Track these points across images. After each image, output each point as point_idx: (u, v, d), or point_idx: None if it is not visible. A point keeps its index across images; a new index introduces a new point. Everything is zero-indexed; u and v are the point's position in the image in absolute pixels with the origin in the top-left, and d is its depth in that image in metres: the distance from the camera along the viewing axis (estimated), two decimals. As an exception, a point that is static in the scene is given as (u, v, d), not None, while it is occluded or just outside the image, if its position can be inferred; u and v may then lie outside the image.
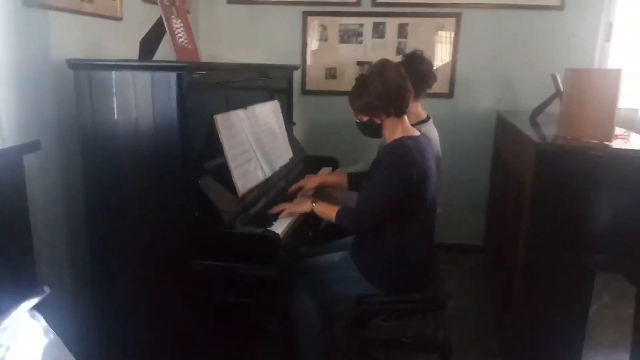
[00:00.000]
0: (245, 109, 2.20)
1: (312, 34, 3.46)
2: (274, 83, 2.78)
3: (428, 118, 2.27)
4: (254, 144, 2.17)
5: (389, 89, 1.82)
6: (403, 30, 3.39)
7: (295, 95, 3.17)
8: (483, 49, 3.39)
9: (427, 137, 2.01)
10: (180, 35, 1.89)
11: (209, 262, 1.75)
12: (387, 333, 2.24)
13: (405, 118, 1.92)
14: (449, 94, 3.43)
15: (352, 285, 1.94)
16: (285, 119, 2.74)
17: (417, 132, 1.95)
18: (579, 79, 2.08)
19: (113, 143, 1.72)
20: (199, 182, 1.75)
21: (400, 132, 1.89)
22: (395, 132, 1.89)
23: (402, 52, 3.36)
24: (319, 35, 3.46)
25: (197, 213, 1.72)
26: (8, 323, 0.94)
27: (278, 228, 1.90)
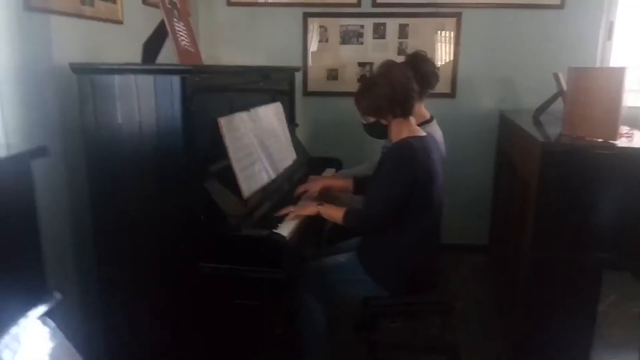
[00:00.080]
0: (249, 112, 2.19)
1: (312, 36, 3.45)
2: (276, 85, 2.77)
3: (432, 118, 2.27)
4: (258, 147, 2.16)
5: (395, 90, 1.82)
6: (404, 31, 3.38)
7: (297, 97, 3.16)
8: (484, 49, 3.38)
9: (433, 137, 2.00)
10: (183, 38, 1.88)
11: (216, 265, 1.74)
12: (393, 335, 2.22)
13: (412, 119, 1.91)
14: (451, 94, 3.42)
15: (358, 287, 1.93)
16: (288, 121, 2.73)
17: (423, 132, 1.94)
18: (584, 78, 2.07)
19: (117, 147, 1.71)
20: (205, 185, 1.74)
21: (407, 132, 1.89)
22: (402, 133, 1.89)
23: (403, 52, 3.36)
24: (320, 37, 3.45)
25: (203, 216, 1.71)
26: (19, 330, 0.93)
27: (284, 230, 1.89)
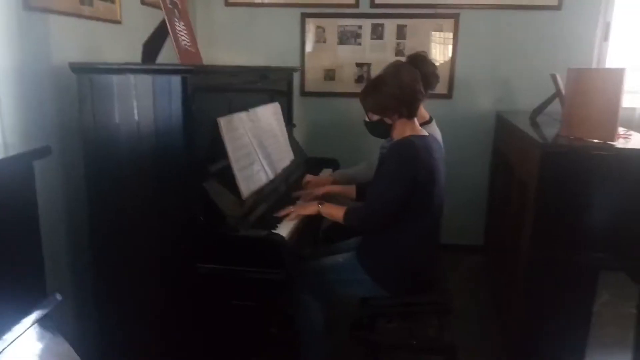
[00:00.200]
0: (248, 112, 2.19)
1: (310, 36, 3.45)
2: (274, 85, 2.77)
3: (431, 119, 2.27)
4: (257, 147, 2.16)
5: (403, 91, 1.84)
6: (402, 32, 3.39)
7: (295, 97, 3.16)
8: (481, 50, 3.39)
9: (434, 137, 2.00)
10: (184, 38, 1.88)
11: (214, 265, 1.73)
12: (391, 335, 2.23)
13: (416, 120, 1.92)
14: (448, 95, 3.43)
15: (357, 287, 1.93)
16: (286, 121, 2.73)
17: (425, 132, 1.95)
18: (582, 79, 2.08)
19: (116, 147, 1.70)
20: (204, 185, 1.74)
21: (410, 132, 1.90)
22: (405, 132, 1.89)
23: (401, 53, 3.37)
24: (318, 37, 3.45)
25: (202, 217, 1.71)
26: (19, 331, 0.93)
27: (283, 231, 1.89)
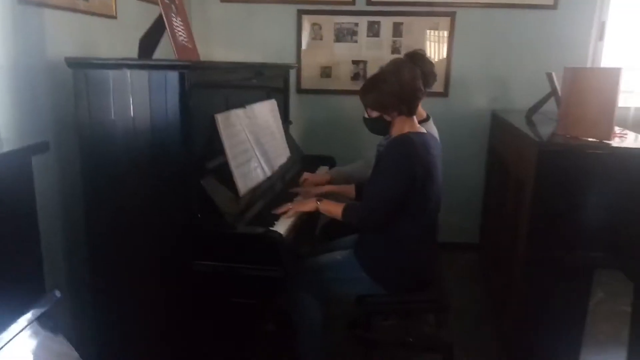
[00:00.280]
0: (245, 108, 2.18)
1: (306, 33, 3.44)
2: (271, 82, 2.76)
3: (428, 117, 2.27)
4: (254, 144, 2.14)
5: (404, 88, 1.84)
6: (398, 29, 3.38)
7: (291, 94, 3.15)
8: (477, 48, 3.39)
9: (432, 135, 2.00)
10: (181, 34, 1.86)
11: (211, 263, 1.72)
12: (388, 333, 2.23)
13: (415, 118, 1.92)
14: (444, 93, 3.43)
15: (356, 285, 1.93)
16: (282, 118, 2.72)
17: (424, 130, 1.95)
18: (579, 78, 2.08)
19: (112, 143, 1.68)
20: (201, 182, 1.73)
21: (408, 129, 1.89)
22: (404, 130, 1.89)
23: (397, 51, 3.37)
24: (314, 34, 3.43)
25: (199, 214, 1.70)
26: (17, 329, 0.91)
27: (281, 228, 1.88)
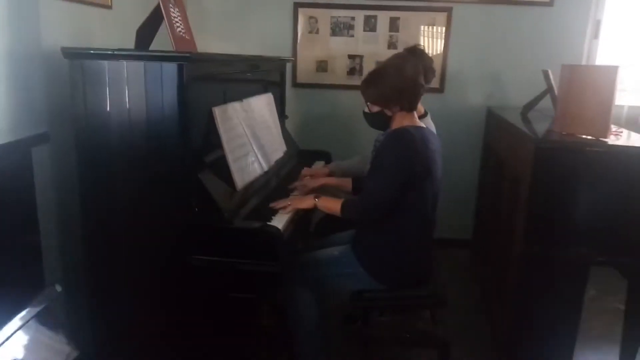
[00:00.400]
0: (241, 102, 2.16)
1: (302, 26, 3.41)
2: (268, 76, 2.74)
3: (426, 113, 2.27)
4: (251, 138, 2.13)
5: (406, 83, 1.84)
6: (394, 24, 3.37)
7: (287, 88, 3.13)
8: (473, 44, 3.40)
9: (431, 130, 2.00)
10: (178, 25, 1.83)
11: (208, 258, 1.71)
12: (384, 329, 2.23)
13: (415, 113, 1.92)
14: (440, 89, 3.43)
15: (353, 280, 1.92)
16: (279, 112, 2.70)
17: (423, 124, 1.95)
18: (576, 75, 2.09)
19: (109, 135, 1.66)
20: (199, 176, 1.71)
21: (408, 124, 1.89)
22: (403, 125, 1.88)
23: (394, 45, 3.36)
24: (310, 28, 3.41)
25: (197, 208, 1.68)
26: (17, 324, 0.90)
27: (278, 223, 1.86)
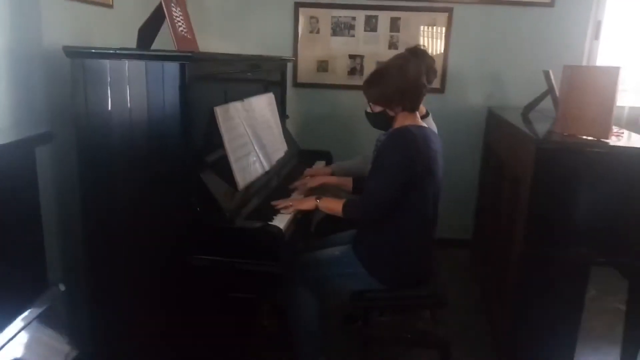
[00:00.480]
0: (242, 102, 2.15)
1: (303, 26, 3.41)
2: (269, 75, 2.73)
3: (428, 113, 2.27)
4: (252, 137, 2.12)
5: (409, 83, 1.84)
6: (395, 24, 3.37)
7: (287, 88, 3.13)
8: (474, 45, 3.40)
9: (433, 130, 2.00)
10: (180, 24, 1.83)
11: (210, 257, 1.70)
12: (385, 329, 2.23)
13: (417, 113, 1.92)
14: (441, 89, 3.43)
15: (354, 280, 1.92)
16: (279, 112, 2.70)
17: (425, 125, 1.95)
18: (577, 76, 2.09)
19: (110, 134, 1.65)
20: (201, 175, 1.71)
21: (410, 124, 1.89)
22: (405, 125, 1.88)
23: (394, 46, 3.36)
24: (311, 27, 3.41)
25: (198, 208, 1.68)
26: (20, 323, 0.89)
27: (280, 223, 1.86)
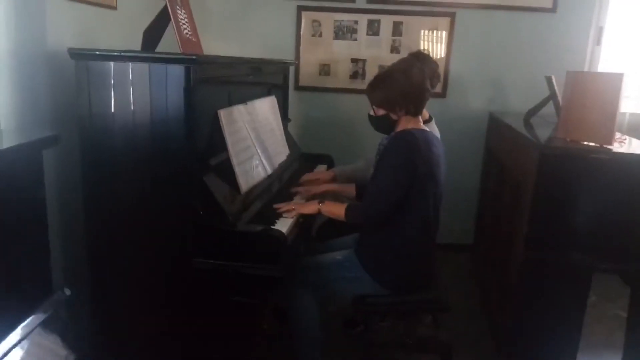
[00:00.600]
0: (246, 105, 2.15)
1: (306, 30, 3.41)
2: (271, 79, 2.73)
3: (431, 118, 2.27)
4: (255, 141, 2.12)
5: (412, 87, 1.84)
6: (398, 29, 3.38)
7: (289, 91, 3.12)
8: (476, 49, 3.40)
9: (434, 135, 2.01)
10: (185, 27, 1.83)
11: (212, 261, 1.70)
12: (387, 334, 2.22)
13: (420, 118, 1.92)
14: (442, 94, 3.43)
15: (356, 285, 1.92)
16: (282, 115, 2.70)
17: (427, 129, 1.96)
18: (581, 82, 2.09)
19: (114, 137, 1.65)
20: (204, 179, 1.70)
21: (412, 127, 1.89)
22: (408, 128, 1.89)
23: (396, 50, 3.37)
24: (313, 31, 3.41)
25: (201, 211, 1.67)
26: (25, 328, 0.89)
27: (282, 227, 1.86)
